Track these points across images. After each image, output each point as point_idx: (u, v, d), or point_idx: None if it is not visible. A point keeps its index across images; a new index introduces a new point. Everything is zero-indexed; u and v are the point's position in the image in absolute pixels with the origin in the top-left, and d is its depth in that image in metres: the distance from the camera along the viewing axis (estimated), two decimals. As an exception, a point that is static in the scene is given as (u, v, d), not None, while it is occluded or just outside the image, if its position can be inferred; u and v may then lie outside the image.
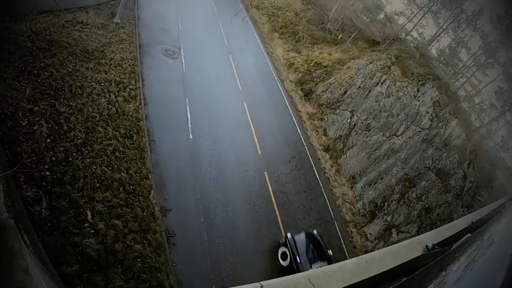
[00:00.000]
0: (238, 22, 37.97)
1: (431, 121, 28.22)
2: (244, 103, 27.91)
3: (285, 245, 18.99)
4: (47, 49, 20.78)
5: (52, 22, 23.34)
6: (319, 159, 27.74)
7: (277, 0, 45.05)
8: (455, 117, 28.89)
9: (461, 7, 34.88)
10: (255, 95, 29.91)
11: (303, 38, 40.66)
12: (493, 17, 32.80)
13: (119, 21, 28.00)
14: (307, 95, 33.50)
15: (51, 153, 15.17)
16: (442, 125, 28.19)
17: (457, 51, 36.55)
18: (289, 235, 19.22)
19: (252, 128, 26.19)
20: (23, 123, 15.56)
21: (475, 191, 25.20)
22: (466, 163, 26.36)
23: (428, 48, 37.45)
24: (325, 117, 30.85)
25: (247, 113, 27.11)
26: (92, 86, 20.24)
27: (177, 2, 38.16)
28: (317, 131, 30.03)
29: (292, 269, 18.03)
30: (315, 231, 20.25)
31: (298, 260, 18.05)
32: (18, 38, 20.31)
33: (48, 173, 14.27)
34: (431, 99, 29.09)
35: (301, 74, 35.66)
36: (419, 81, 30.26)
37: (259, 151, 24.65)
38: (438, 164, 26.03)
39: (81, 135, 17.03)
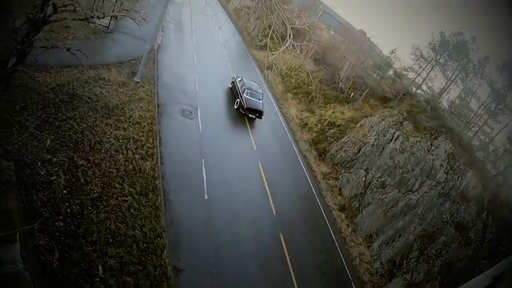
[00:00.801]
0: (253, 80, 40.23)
1: (447, 174, 28.66)
2: (259, 163, 28.71)
3: (233, 78, 39.19)
4: (69, 102, 22.22)
5: (76, 77, 25.11)
6: (334, 219, 27.97)
7: (290, 62, 47.49)
8: (471, 168, 29.28)
9: (467, 57, 36.53)
10: (269, 155, 30.89)
11: (315, 98, 42.63)
12: (499, 64, 34.23)
13: (139, 80, 29.93)
14: (322, 154, 34.57)
15: (66, 204, 15.83)
16: (458, 177, 28.53)
17: (467, 101, 37.61)
18: (234, 75, 39.55)
19: (267, 189, 26.66)
20: (41, 173, 16.38)
21: (496, 241, 24.98)
22: (485, 213, 26.22)
23: (439, 101, 38.64)
24: (340, 177, 31.56)
25: (262, 173, 27.80)
26: (110, 141, 21.29)
27: (194, 63, 40.96)
28: (332, 191, 30.62)
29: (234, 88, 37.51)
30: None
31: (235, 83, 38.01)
32: (42, 88, 21.86)
33: (62, 224, 14.87)
34: (445, 152, 29.75)
35: (315, 134, 36.98)
36: (432, 135, 31.15)
37: (274, 212, 24.91)
38: (456, 217, 26.01)
39: (97, 189, 17.71)
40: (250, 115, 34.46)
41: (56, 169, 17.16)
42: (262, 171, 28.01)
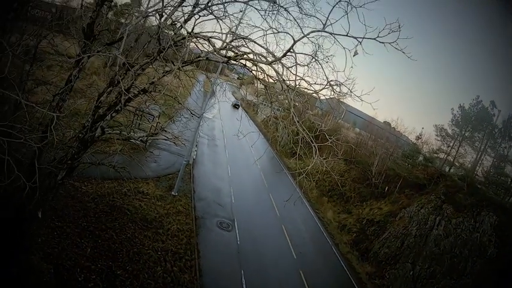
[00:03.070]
0: (287, 190, 42.30)
1: (498, 248, 28.25)
2: (301, 271, 28.91)
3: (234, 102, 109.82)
4: (109, 213, 24.41)
5: (116, 189, 27.76)
6: (387, 321, 27.77)
7: (321, 166, 49.76)
8: (520, 235, 28.79)
9: (491, 123, 37.84)
10: (310, 262, 31.20)
11: (351, 198, 43.92)
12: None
13: (176, 193, 32.60)
14: (364, 254, 34.75)
15: (102, 313, 16.48)
16: (509, 249, 28.20)
17: (502, 167, 37.99)
18: (234, 101, 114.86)
19: (311, 300, 26.88)
20: (79, 279, 17.60)
21: None
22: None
23: (474, 175, 39.14)
24: (387, 274, 31.38)
25: (304, 281, 27.93)
26: (148, 253, 22.58)
27: (229, 176, 44.32)
28: (380, 291, 30.61)
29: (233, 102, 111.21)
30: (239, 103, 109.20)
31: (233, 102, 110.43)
32: (84, 198, 24.29)
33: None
34: (491, 225, 29.60)
35: (354, 235, 37.65)
36: (473, 211, 31.23)
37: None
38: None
39: (135, 300, 18.34)
40: (236, 106, 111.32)
41: (94, 277, 18.38)
42: (304, 280, 28.19)
